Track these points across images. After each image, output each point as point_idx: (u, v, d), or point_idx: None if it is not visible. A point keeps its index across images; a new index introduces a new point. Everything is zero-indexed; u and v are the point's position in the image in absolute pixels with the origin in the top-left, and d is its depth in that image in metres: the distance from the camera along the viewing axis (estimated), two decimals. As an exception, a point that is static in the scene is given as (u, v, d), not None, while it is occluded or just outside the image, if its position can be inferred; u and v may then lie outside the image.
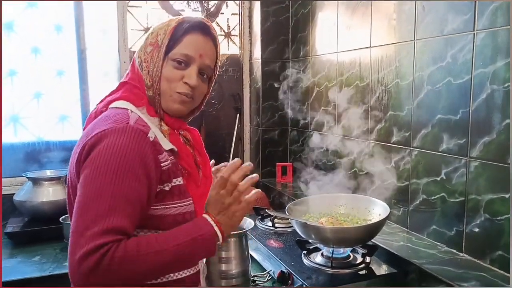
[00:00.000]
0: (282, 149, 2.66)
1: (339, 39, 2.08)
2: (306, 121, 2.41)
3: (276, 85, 2.56)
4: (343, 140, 2.05)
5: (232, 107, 2.74)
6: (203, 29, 1.05)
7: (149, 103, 1.03)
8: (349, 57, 2.00)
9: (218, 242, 0.96)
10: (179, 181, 1.00)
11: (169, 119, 1.04)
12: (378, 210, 1.58)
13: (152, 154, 0.93)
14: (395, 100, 1.71)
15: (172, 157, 1.00)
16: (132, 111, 0.99)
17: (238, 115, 2.73)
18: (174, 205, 0.98)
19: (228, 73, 2.71)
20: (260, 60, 2.57)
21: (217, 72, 1.13)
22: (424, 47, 1.54)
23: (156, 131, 0.99)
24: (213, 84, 1.12)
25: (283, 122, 2.64)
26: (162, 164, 0.95)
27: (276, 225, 1.91)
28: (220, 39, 2.68)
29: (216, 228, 0.95)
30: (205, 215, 0.97)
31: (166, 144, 0.99)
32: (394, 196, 1.71)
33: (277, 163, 2.58)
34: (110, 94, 1.08)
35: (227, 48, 2.72)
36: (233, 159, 2.83)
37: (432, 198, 1.54)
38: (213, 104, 2.69)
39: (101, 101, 1.09)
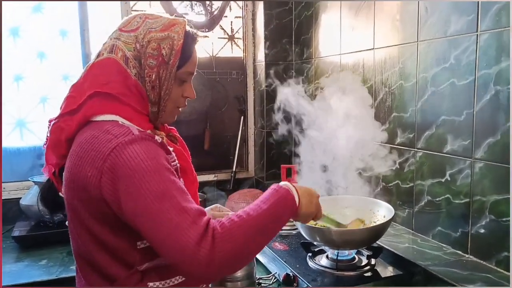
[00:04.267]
0: (287, 151, 2.67)
1: (342, 41, 2.08)
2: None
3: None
4: (347, 141, 2.05)
5: (237, 110, 2.75)
6: (196, 40, 1.05)
7: (143, 117, 1.00)
8: (353, 59, 2.00)
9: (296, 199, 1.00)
10: (182, 180, 1.01)
11: (161, 127, 1.08)
12: (382, 212, 1.58)
13: (165, 155, 0.94)
14: (399, 101, 1.71)
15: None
16: (122, 123, 0.96)
17: (242, 117, 2.73)
18: None
19: (232, 75, 2.71)
20: (264, 63, 2.57)
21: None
22: (428, 48, 1.54)
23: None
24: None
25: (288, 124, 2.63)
26: (172, 164, 0.97)
27: (281, 227, 1.91)
28: (224, 42, 2.73)
29: (292, 190, 1.00)
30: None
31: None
32: (399, 197, 1.71)
33: (281, 165, 2.58)
34: (80, 105, 0.99)
35: (231, 51, 2.73)
36: (237, 161, 2.83)
37: (437, 199, 1.54)
38: (218, 107, 2.70)
39: (61, 115, 1.05)
